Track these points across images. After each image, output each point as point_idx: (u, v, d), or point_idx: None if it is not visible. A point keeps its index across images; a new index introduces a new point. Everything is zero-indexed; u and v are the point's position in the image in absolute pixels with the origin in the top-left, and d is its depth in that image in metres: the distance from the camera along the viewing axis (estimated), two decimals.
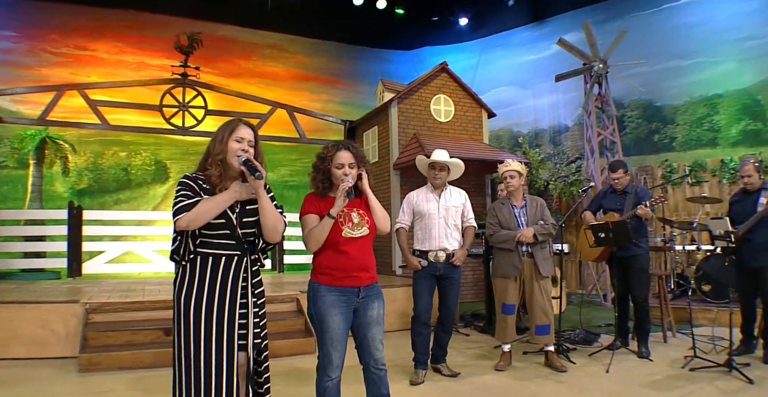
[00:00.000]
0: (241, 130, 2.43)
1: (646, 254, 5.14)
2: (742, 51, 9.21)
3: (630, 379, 4.19)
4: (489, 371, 4.52)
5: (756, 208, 4.54)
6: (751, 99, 9.11)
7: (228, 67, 10.89)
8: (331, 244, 2.70)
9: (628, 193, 5.08)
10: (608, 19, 9.81)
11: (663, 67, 10.01)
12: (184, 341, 2.28)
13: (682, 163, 8.85)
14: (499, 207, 4.77)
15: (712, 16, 9.64)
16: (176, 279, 2.37)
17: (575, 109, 11.34)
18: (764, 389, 3.81)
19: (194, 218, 2.23)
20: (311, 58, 12.10)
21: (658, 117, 10.20)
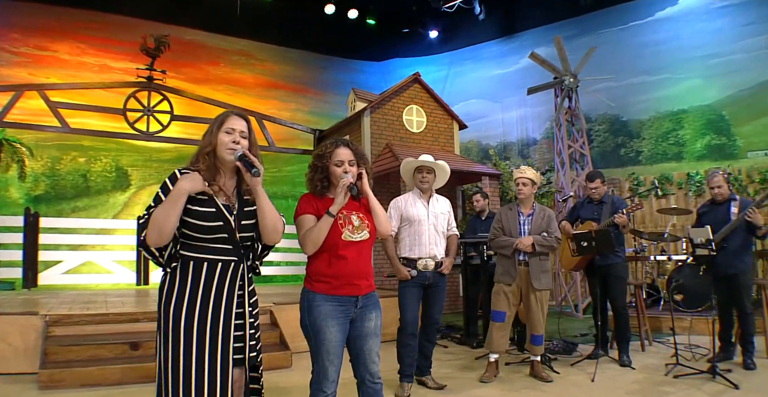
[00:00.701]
0: (231, 121, 2.22)
1: (624, 263, 5.20)
2: (706, 68, 9.55)
3: (617, 387, 4.16)
4: (475, 383, 4.41)
5: (729, 217, 4.63)
6: (715, 114, 9.43)
7: (194, 72, 10.59)
8: (328, 248, 2.51)
9: (605, 203, 5.14)
10: (577, 35, 10.05)
11: (630, 83, 10.28)
12: (172, 355, 2.02)
13: (649, 177, 9.06)
14: (505, 212, 4.70)
15: (678, 34, 9.99)
16: (163, 286, 2.11)
17: (543, 123, 11.53)
18: (750, 392, 3.83)
19: (156, 232, 1.97)
20: (280, 66, 11.92)
21: (625, 131, 10.45)
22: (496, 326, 4.54)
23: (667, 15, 10.17)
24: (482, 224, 6.52)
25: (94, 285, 8.36)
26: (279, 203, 11.34)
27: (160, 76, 8.33)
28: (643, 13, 10.41)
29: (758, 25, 9.13)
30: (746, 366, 4.42)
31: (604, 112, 10.61)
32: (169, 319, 2.05)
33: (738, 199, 4.71)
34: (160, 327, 2.08)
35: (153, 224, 1.97)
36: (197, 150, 2.23)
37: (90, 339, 4.72)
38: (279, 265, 9.74)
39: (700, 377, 4.23)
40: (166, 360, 2.03)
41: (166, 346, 2.04)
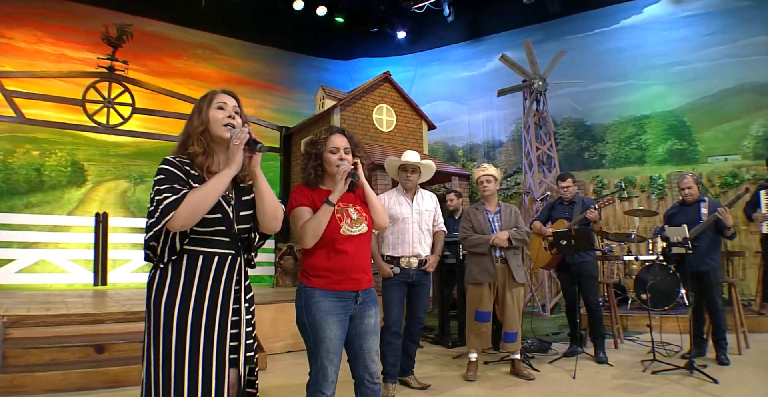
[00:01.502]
0: (221, 97, 2.07)
1: (595, 261, 5.33)
2: (669, 75, 9.87)
3: (598, 384, 4.19)
4: (459, 382, 4.37)
5: (700, 217, 4.77)
6: (677, 120, 9.76)
7: (156, 65, 10.18)
8: (327, 242, 2.38)
9: (576, 203, 5.27)
10: (543, 40, 10.22)
11: (594, 88, 10.52)
12: (163, 355, 1.85)
13: (613, 180, 9.29)
14: (473, 212, 4.68)
15: (642, 42, 10.29)
16: (153, 282, 1.93)
17: (509, 126, 11.67)
18: (729, 386, 3.93)
19: (189, 213, 1.81)
20: (246, 62, 11.62)
21: (589, 135, 10.69)
22: (480, 325, 4.51)
23: (632, 23, 10.47)
24: (456, 223, 6.51)
25: (49, 285, 7.90)
26: None
27: (122, 67, 7.98)
28: (608, 21, 10.69)
29: (720, 35, 9.51)
30: (720, 361, 4.55)
31: (569, 116, 10.83)
32: (160, 316, 1.87)
33: (707, 200, 4.86)
34: (149, 326, 1.90)
35: (191, 205, 1.81)
36: (186, 135, 2.04)
37: (51, 341, 4.45)
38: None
39: (678, 372, 4.31)
40: (156, 361, 1.85)
41: (156, 345, 1.87)
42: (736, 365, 4.51)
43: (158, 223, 1.80)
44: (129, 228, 8.70)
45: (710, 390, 3.82)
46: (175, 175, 1.90)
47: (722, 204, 4.77)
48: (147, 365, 1.88)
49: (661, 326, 5.86)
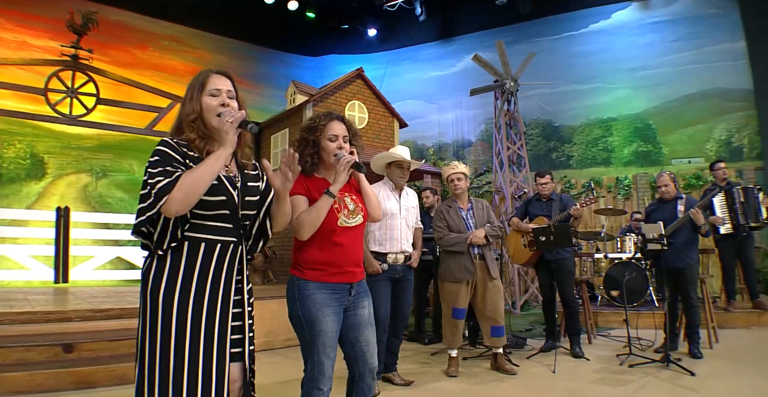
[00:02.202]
0: (214, 81, 1.93)
1: (572, 257, 5.43)
2: (635, 79, 10.19)
3: (579, 377, 4.25)
4: (441, 378, 4.36)
5: (676, 214, 4.90)
6: (642, 123, 10.08)
7: (121, 55, 9.83)
8: (323, 234, 2.29)
9: (554, 200, 5.33)
10: (513, 42, 10.35)
11: (563, 90, 10.75)
12: (160, 349, 1.73)
13: (580, 180, 9.50)
14: (446, 210, 4.67)
15: (609, 46, 10.59)
16: (149, 271, 1.80)
17: (478, 125, 11.80)
18: (706, 378, 4.04)
19: (184, 196, 1.70)
20: (213, 55, 11.36)
21: (557, 136, 10.92)
22: (458, 322, 4.52)
23: (601, 28, 10.77)
24: (431, 220, 6.52)
25: (7, 282, 7.52)
26: None
27: (87, 56, 7.64)
28: (577, 25, 10.95)
29: (685, 41, 9.87)
30: (693, 355, 4.68)
31: (538, 117, 11.04)
32: (158, 308, 1.74)
33: (684, 197, 4.99)
34: (145, 319, 1.78)
35: (185, 186, 1.70)
36: (178, 119, 1.93)
37: (17, 341, 4.19)
38: None
39: (654, 365, 4.42)
40: (153, 355, 1.73)
41: (153, 338, 1.74)
42: (709, 358, 4.65)
43: (152, 208, 1.69)
44: (91, 223, 8.36)
45: (688, 383, 3.92)
46: (169, 156, 1.78)
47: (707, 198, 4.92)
48: (141, 360, 1.76)
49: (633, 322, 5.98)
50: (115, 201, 9.29)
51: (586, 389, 3.90)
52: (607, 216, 7.81)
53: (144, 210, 1.71)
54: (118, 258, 8.13)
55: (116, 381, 4.07)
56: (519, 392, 3.89)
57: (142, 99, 8.47)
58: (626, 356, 4.70)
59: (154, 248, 1.81)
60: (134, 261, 8.21)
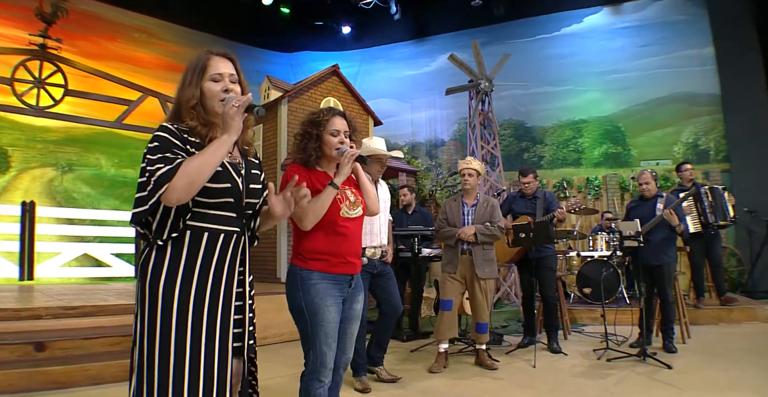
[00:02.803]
0: (215, 64, 1.83)
1: (555, 255, 5.50)
2: (606, 82, 10.44)
3: (560, 371, 4.33)
4: (424, 374, 4.36)
5: (655, 212, 5.02)
6: (612, 126, 10.33)
7: (89, 46, 9.50)
8: (326, 224, 2.33)
9: (538, 198, 5.38)
10: (487, 43, 10.39)
11: (535, 92, 10.93)
12: (160, 343, 1.65)
13: (551, 180, 9.68)
14: (450, 204, 4.75)
15: (581, 50, 10.81)
16: (148, 262, 1.71)
17: (452, 125, 11.89)
18: (682, 371, 4.16)
19: (186, 184, 1.62)
20: (184, 48, 11.09)
21: (529, 137, 11.10)
22: (445, 314, 4.55)
23: (573, 31, 10.99)
24: (409, 217, 6.55)
25: None
26: None
27: (55, 46, 7.39)
28: (550, 28, 11.15)
29: (654, 46, 10.17)
30: (668, 350, 4.82)
31: (510, 117, 11.19)
32: (157, 300, 1.67)
33: (664, 196, 5.12)
34: (143, 311, 1.69)
35: (187, 174, 1.62)
36: (177, 104, 1.83)
37: None
38: None
39: (631, 359, 4.53)
40: (152, 349, 1.66)
41: (152, 332, 1.67)
42: (683, 353, 4.79)
43: (151, 197, 1.62)
44: (56, 219, 8.08)
45: (665, 376, 4.03)
46: (170, 142, 1.71)
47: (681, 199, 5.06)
48: (140, 354, 1.69)
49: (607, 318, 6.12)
50: (81, 196, 8.98)
51: (567, 383, 3.97)
52: (579, 215, 7.97)
53: (143, 199, 1.64)
54: (84, 255, 7.87)
55: (91, 381, 3.94)
56: (502, 386, 3.94)
57: (111, 91, 8.25)
58: (603, 350, 4.81)
59: (153, 238, 1.73)
60: (101, 258, 7.98)
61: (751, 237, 8.23)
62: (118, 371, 4.05)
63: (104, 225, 8.13)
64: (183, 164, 1.64)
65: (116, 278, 8.23)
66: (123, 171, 9.73)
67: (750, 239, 8.23)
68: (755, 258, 8.18)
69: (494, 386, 3.95)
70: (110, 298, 5.55)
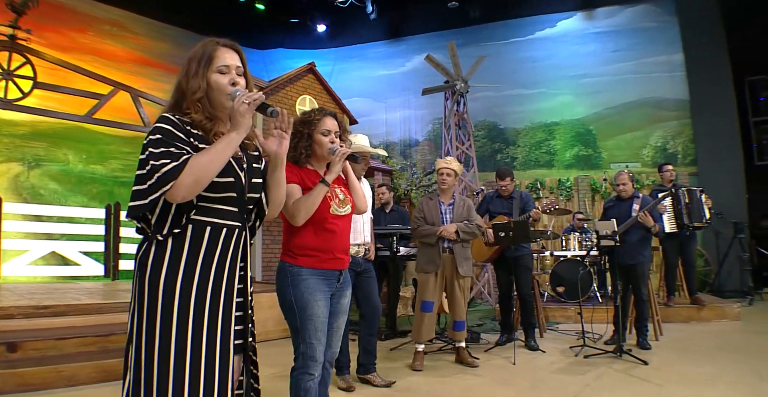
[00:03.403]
0: (222, 55, 1.77)
1: (531, 254, 5.61)
2: (577, 86, 10.66)
3: (540, 368, 4.42)
4: (407, 372, 4.40)
5: (631, 213, 5.16)
6: (583, 128, 10.56)
7: (59, 38, 9.21)
8: (316, 221, 2.38)
9: (514, 198, 5.49)
10: (462, 45, 10.41)
11: (509, 94, 11.09)
12: (160, 339, 1.60)
13: (524, 181, 9.84)
14: (426, 202, 4.77)
15: (554, 53, 11.01)
16: (147, 258, 1.66)
17: (426, 125, 11.97)
18: (658, 367, 4.30)
19: (193, 182, 1.59)
20: (156, 43, 10.86)
21: (502, 138, 11.25)
22: (426, 316, 4.58)
23: (546, 35, 11.19)
24: (387, 216, 6.56)
25: None
26: None
27: (25, 36, 7.15)
28: (524, 32, 11.33)
29: (625, 52, 10.44)
30: (642, 347, 4.96)
31: (484, 118, 11.33)
32: (157, 297, 1.61)
33: (641, 196, 5.25)
34: (141, 308, 1.63)
35: (195, 170, 1.58)
36: (178, 94, 1.76)
37: None
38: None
39: (607, 356, 4.65)
40: (151, 345, 1.60)
41: (150, 330, 1.61)
42: (657, 349, 4.94)
43: (152, 192, 1.57)
44: (22, 215, 7.81)
45: (642, 372, 4.16)
46: (173, 135, 1.64)
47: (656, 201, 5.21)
48: (137, 351, 1.63)
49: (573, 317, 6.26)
50: (48, 193, 8.70)
51: (547, 379, 4.05)
52: (552, 216, 8.14)
53: (144, 193, 1.58)
54: (52, 253, 7.63)
55: (66, 383, 3.84)
56: (484, 383, 4.00)
57: (81, 85, 8.03)
58: (580, 347, 4.92)
59: (152, 233, 1.68)
60: (69, 256, 7.75)
61: (718, 238, 8.53)
62: (93, 372, 3.97)
63: (72, 222, 7.90)
64: (190, 161, 1.59)
65: (85, 277, 8.01)
66: (91, 167, 9.47)
67: (717, 240, 8.53)
68: (722, 259, 8.48)
69: (476, 383, 4.00)
70: (82, 297, 5.42)
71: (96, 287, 6.77)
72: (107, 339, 4.44)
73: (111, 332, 4.52)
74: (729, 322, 6.35)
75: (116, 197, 9.48)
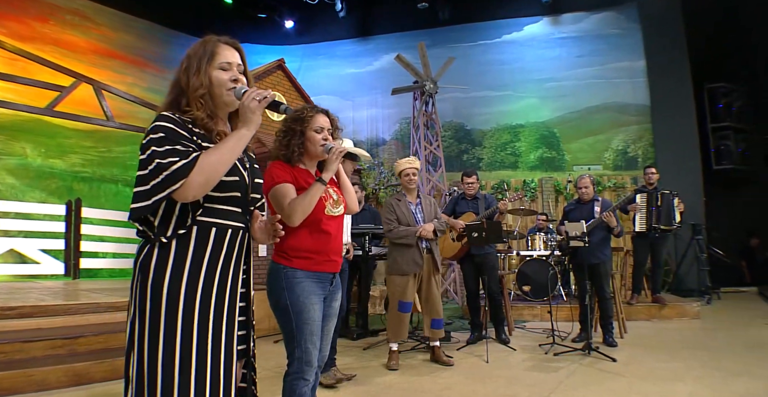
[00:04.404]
0: (224, 53, 1.77)
1: (496, 253, 5.83)
2: (543, 89, 10.92)
3: (513, 366, 4.54)
4: (382, 371, 4.46)
5: (593, 214, 5.36)
6: (548, 131, 10.83)
7: (18, 27, 8.81)
8: (311, 223, 2.33)
9: (479, 199, 5.67)
10: (431, 46, 10.50)
11: (475, 96, 11.26)
12: (164, 345, 1.57)
13: (490, 181, 10.03)
14: (396, 203, 4.78)
15: (520, 57, 11.24)
16: (149, 260, 1.62)
17: (393, 124, 12.03)
18: (627, 363, 4.48)
19: (204, 181, 1.57)
20: (119, 34, 10.53)
21: (468, 139, 11.42)
22: (403, 316, 4.64)
23: (513, 39, 11.41)
24: (358, 215, 6.56)
25: None
26: (108, 187, 10.06)
27: None
28: (492, 35, 11.51)
29: (589, 57, 10.76)
30: (608, 344, 5.14)
31: (451, 119, 11.47)
32: (160, 301, 1.58)
33: (600, 199, 5.47)
34: (144, 312, 1.59)
35: (206, 169, 1.56)
36: (178, 91, 1.73)
37: None
38: (105, 257, 8.61)
39: (576, 353, 4.82)
40: (154, 352, 1.57)
41: (154, 334, 1.58)
42: (623, 346, 5.13)
43: (158, 191, 1.54)
44: None
45: (611, 367, 4.33)
46: (176, 133, 1.61)
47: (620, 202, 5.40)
48: (140, 358, 1.60)
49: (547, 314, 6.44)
50: (5, 188, 8.35)
51: (522, 376, 4.17)
52: (516, 216, 8.33)
53: (148, 194, 1.55)
54: (10, 251, 7.32)
55: (36, 387, 3.72)
56: (460, 382, 4.07)
57: (40, 76, 7.74)
58: (549, 345, 5.07)
59: (155, 235, 1.64)
60: (28, 254, 7.45)
61: (676, 239, 8.89)
62: (63, 375, 3.86)
63: (30, 219, 7.59)
64: (200, 159, 1.57)
65: (45, 276, 7.72)
66: (50, 161, 9.14)
67: (675, 241, 8.89)
68: (680, 259, 8.86)
69: (452, 382, 4.08)
70: (46, 297, 5.23)
71: (58, 287, 6.55)
72: (76, 341, 4.32)
73: (80, 333, 4.40)
74: (689, 320, 6.63)
75: (76, 193, 9.16)
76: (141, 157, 1.59)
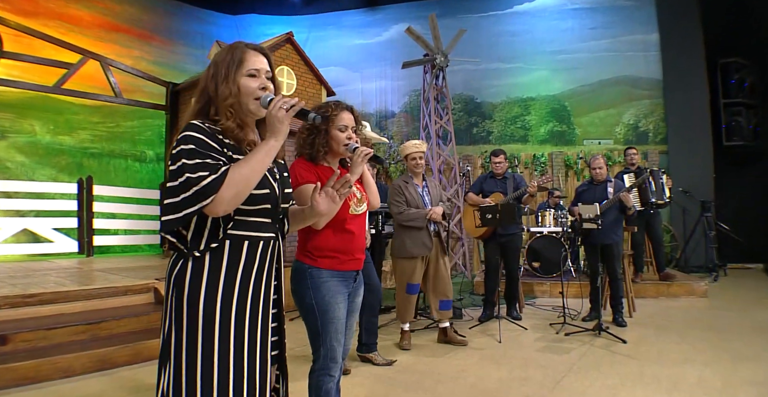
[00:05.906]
0: (252, 60, 1.71)
1: (521, 234, 5.90)
2: (554, 62, 10.73)
3: (525, 346, 4.62)
4: (396, 351, 4.53)
5: (606, 195, 5.36)
6: (559, 104, 10.69)
7: (22, 3, 8.69)
8: (336, 222, 2.33)
9: (507, 178, 5.64)
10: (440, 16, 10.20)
11: (486, 68, 11.09)
12: (202, 361, 1.58)
13: None
14: (404, 186, 4.77)
15: (531, 28, 11.00)
16: (184, 276, 1.61)
17: (402, 97, 11.90)
18: (636, 344, 4.56)
19: (235, 195, 1.55)
20: (123, 7, 10.36)
21: (478, 112, 11.31)
22: (411, 297, 4.72)
23: (525, 9, 11.15)
24: None
25: None
26: (117, 162, 10.08)
27: None
28: (503, 5, 11.26)
29: (602, 29, 10.52)
30: (618, 324, 5.22)
31: (461, 92, 11.34)
32: (197, 315, 1.59)
33: (613, 180, 5.46)
34: (180, 327, 1.60)
35: (236, 183, 1.54)
36: (206, 99, 1.69)
37: None
38: (117, 233, 8.69)
39: (587, 334, 4.89)
40: (193, 364, 1.59)
41: (192, 348, 1.59)
42: (632, 326, 5.20)
43: (188, 206, 1.53)
44: None
45: (622, 349, 4.40)
46: (207, 144, 1.57)
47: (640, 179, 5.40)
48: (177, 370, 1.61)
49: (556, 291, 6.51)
50: (15, 166, 8.39)
51: (535, 357, 4.25)
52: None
53: (178, 207, 1.54)
54: (23, 230, 7.40)
55: (62, 374, 3.79)
56: (475, 364, 4.15)
57: (46, 53, 7.65)
58: (560, 325, 5.15)
59: (189, 250, 1.64)
60: (41, 233, 7.53)
61: (685, 215, 8.91)
62: (87, 361, 3.94)
63: (42, 198, 7.64)
64: (230, 173, 1.55)
65: (59, 254, 7.82)
66: (59, 138, 9.15)
67: (684, 217, 8.91)
68: (689, 235, 8.86)
69: (468, 362, 4.16)
70: (66, 281, 5.31)
71: (73, 267, 6.64)
72: (98, 327, 4.40)
73: (101, 318, 4.48)
74: (697, 298, 6.67)
75: (86, 169, 9.22)
76: (171, 168, 1.58)
